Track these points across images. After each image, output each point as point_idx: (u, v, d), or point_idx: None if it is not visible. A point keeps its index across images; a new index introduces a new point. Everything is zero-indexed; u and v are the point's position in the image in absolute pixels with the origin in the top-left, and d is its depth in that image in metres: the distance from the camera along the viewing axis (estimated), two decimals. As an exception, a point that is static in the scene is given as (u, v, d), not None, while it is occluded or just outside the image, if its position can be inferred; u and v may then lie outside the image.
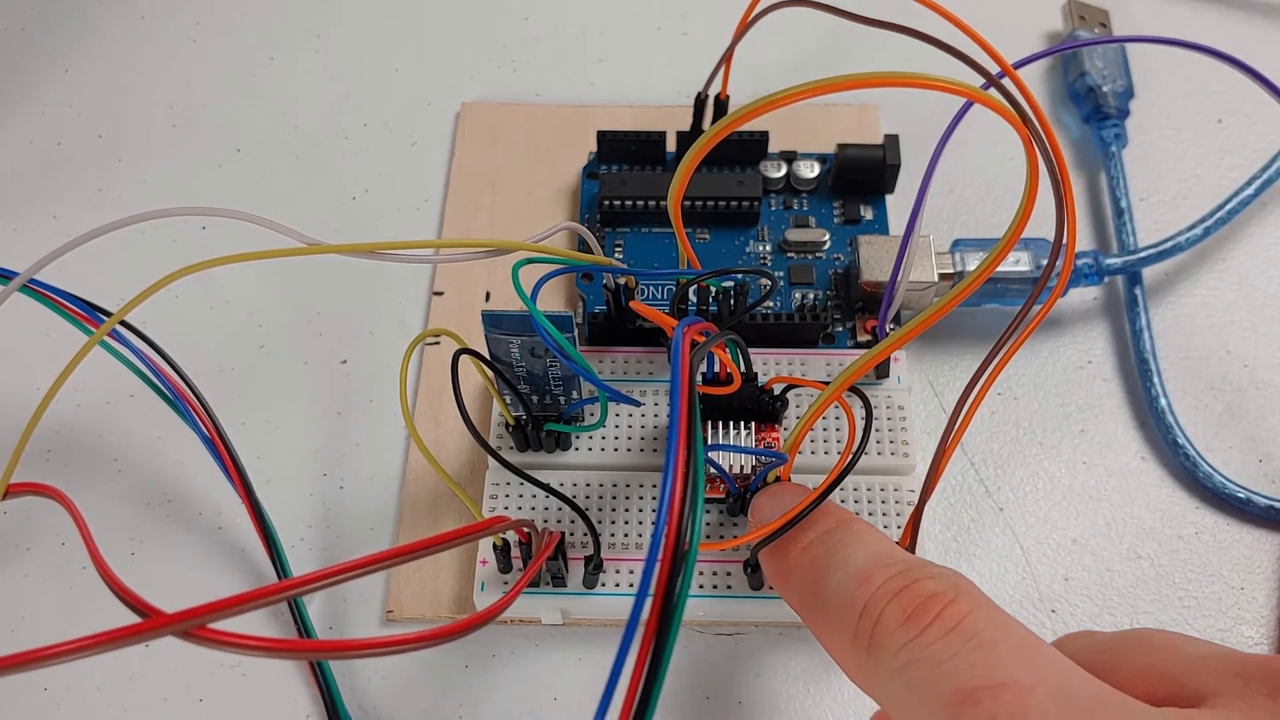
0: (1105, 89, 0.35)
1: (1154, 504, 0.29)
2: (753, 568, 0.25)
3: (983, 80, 0.20)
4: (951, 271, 0.30)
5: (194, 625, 0.14)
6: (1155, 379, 0.30)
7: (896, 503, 0.27)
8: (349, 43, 0.39)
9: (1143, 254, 0.31)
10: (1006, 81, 0.19)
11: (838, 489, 0.22)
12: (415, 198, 0.35)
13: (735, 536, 0.27)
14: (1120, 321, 0.32)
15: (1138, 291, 0.32)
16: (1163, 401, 0.30)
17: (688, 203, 0.32)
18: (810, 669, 0.27)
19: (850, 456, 0.22)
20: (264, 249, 0.22)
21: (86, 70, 0.38)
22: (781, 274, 0.31)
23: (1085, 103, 0.35)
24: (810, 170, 0.33)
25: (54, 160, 0.36)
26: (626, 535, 0.27)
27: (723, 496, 0.27)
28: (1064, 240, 0.20)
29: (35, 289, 0.26)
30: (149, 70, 0.38)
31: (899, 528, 0.27)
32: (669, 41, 0.39)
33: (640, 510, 0.27)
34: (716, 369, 0.26)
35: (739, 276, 0.29)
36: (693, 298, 0.29)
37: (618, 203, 0.32)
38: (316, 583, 0.15)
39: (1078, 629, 0.27)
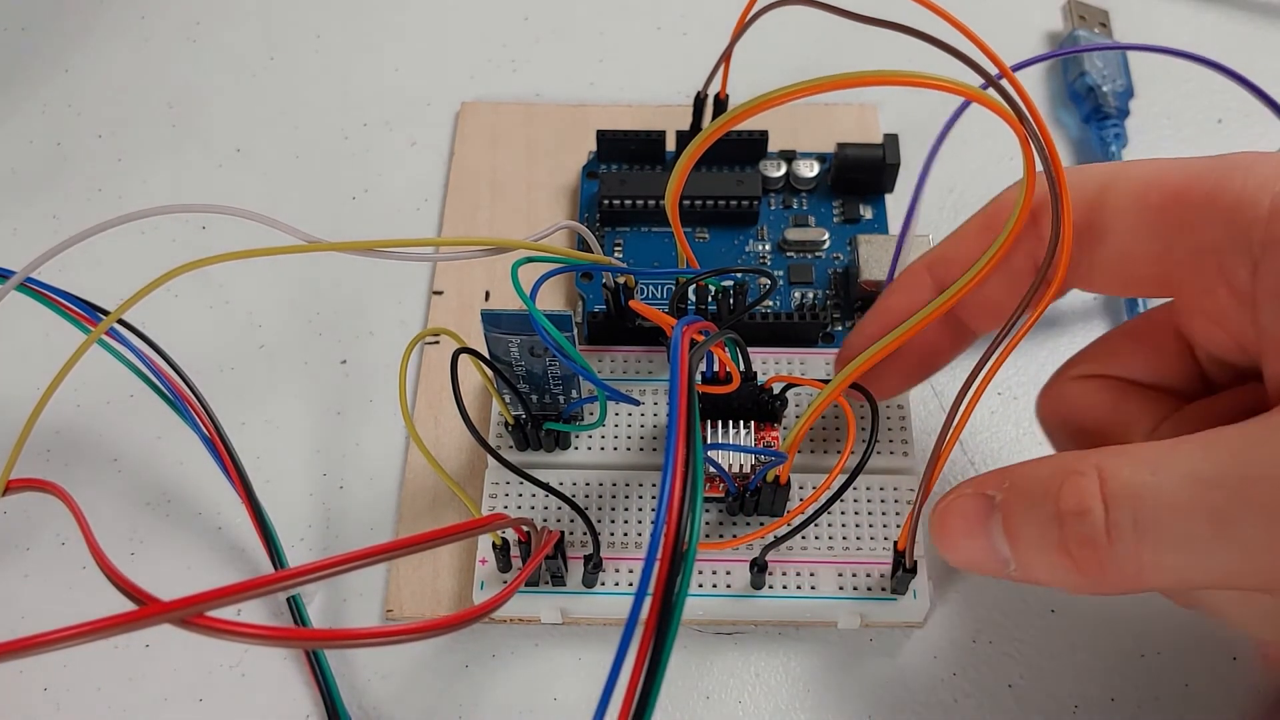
0: (1105, 89, 0.35)
1: (1154, 503, 0.29)
2: (759, 567, 0.25)
3: (981, 80, 0.20)
4: (951, 271, 0.30)
5: (191, 613, 0.14)
6: (1155, 378, 0.30)
7: (895, 502, 0.27)
8: (349, 43, 0.39)
9: (1142, 253, 0.31)
10: (1004, 82, 0.19)
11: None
12: (415, 198, 0.35)
13: (735, 536, 0.27)
14: (1120, 321, 0.32)
15: (1137, 291, 0.32)
16: (1162, 401, 0.30)
17: (687, 202, 0.32)
18: (810, 669, 0.27)
19: (863, 453, 0.22)
20: (264, 247, 0.22)
21: (86, 70, 0.38)
22: (781, 273, 0.31)
23: (1085, 103, 0.35)
24: (810, 169, 0.33)
25: (54, 160, 0.36)
26: (626, 534, 0.27)
27: (722, 495, 0.27)
28: (1060, 239, 0.20)
29: (34, 288, 0.26)
30: (149, 70, 0.38)
31: (898, 527, 0.26)
32: (669, 41, 0.39)
33: (640, 509, 0.27)
34: (716, 368, 0.26)
35: (738, 276, 0.29)
36: (692, 297, 0.29)
37: (617, 202, 0.32)
38: (314, 574, 0.15)
39: (1076, 629, 0.27)
